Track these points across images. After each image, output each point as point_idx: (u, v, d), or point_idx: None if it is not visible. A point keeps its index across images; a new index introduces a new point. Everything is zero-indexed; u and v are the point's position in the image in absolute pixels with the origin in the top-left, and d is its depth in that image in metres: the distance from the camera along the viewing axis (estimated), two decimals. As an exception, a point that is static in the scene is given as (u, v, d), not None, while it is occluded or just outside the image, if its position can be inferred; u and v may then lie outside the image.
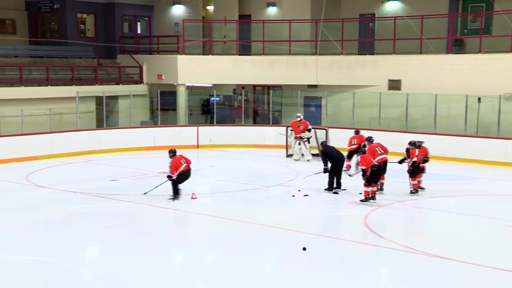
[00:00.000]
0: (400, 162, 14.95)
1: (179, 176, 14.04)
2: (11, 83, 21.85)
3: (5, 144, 19.04)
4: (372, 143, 15.02)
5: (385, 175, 14.68)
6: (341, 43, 23.07)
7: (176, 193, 14.15)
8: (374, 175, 13.81)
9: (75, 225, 12.28)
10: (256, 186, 16.09)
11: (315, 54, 23.06)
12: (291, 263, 10.08)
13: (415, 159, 14.48)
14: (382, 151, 14.41)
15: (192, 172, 14.23)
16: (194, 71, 24.22)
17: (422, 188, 14.97)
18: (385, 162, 14.45)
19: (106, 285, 9.08)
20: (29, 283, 9.02)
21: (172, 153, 14.25)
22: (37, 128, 20.32)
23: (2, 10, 26.50)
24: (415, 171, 14.66)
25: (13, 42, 25.52)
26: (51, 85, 22.66)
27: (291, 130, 20.30)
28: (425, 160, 14.83)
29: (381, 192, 14.57)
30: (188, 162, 14.20)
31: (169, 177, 14.06)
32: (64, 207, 13.75)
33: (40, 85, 22.47)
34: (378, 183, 14.35)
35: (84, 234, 11.71)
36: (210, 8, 28.36)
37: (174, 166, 13.99)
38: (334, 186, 15.05)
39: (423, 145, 14.82)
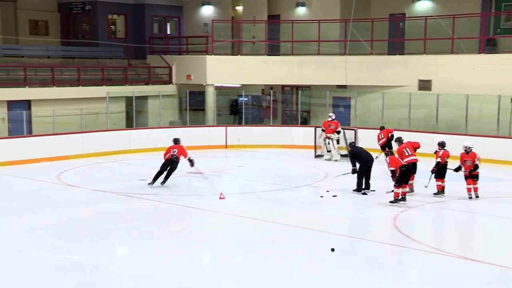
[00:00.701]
0: (456, 170, 14.55)
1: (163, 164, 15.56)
2: (43, 83, 22.20)
3: (37, 143, 19.35)
4: (402, 143, 14.86)
5: (416, 176, 14.49)
6: (371, 43, 22.89)
7: (155, 179, 15.54)
8: (404, 176, 13.65)
9: (105, 224, 12.41)
10: (284, 186, 16.04)
11: (344, 54, 22.90)
12: (319, 264, 10.02)
13: (439, 160, 14.26)
14: (410, 153, 14.25)
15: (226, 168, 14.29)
16: (222, 71, 24.31)
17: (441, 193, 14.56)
18: (414, 163, 14.26)
19: (136, 283, 9.14)
20: (60, 281, 9.13)
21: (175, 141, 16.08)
22: (68, 128, 20.61)
23: (35, 12, 26.97)
24: (440, 172, 14.38)
25: (46, 43, 25.94)
26: (82, 86, 22.97)
27: (322, 130, 20.23)
28: (475, 166, 14.05)
29: (411, 193, 14.39)
30: (179, 154, 15.73)
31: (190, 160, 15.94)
32: (94, 206, 13.92)
33: (71, 86, 22.79)
34: (408, 184, 14.18)
35: (114, 233, 11.84)
36: (239, 8, 28.42)
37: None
38: (363, 187, 14.92)
39: (473, 150, 14.22)
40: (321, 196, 14.74)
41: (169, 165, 15.65)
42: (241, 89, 25.11)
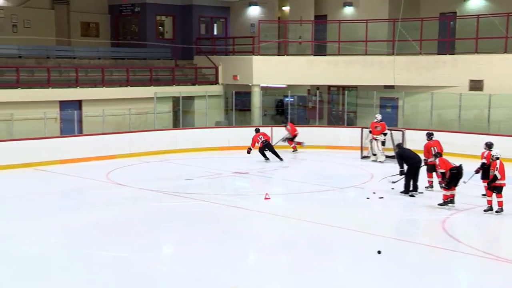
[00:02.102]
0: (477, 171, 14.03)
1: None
2: (94, 84, 22.69)
3: (87, 143, 19.77)
4: (431, 140, 14.60)
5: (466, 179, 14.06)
6: (420, 43, 22.46)
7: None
8: (454, 178, 13.32)
9: (151, 223, 12.58)
10: (329, 187, 15.91)
11: (392, 54, 22.56)
12: (365, 267, 9.89)
13: (484, 160, 13.74)
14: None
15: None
16: (268, 71, 24.30)
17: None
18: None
19: (181, 282, 9.22)
20: (108, 278, 9.29)
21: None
22: (116, 127, 20.99)
23: (87, 14, 27.63)
24: (485, 173, 13.72)
25: (97, 45, 26.52)
26: (130, 86, 23.36)
27: (369, 131, 20.00)
28: (494, 177, 12.93)
29: (430, 189, 14.15)
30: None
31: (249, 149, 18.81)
32: (142, 205, 14.14)
33: (120, 86, 23.19)
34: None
35: (160, 232, 11.99)
36: (286, 8, 28.38)
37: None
38: (411, 189, 14.66)
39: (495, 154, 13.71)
40: (368, 198, 14.55)
41: (266, 147, 19.56)
42: (287, 90, 25.05)
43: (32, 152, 18.37)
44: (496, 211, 12.97)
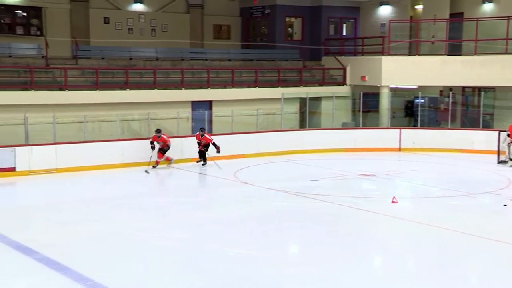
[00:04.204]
0: None
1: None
2: (224, 84, 23.38)
3: (216, 142, 20.34)
4: None
5: None
6: None
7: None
8: None
9: (276, 222, 12.66)
10: (461, 192, 15.13)
11: (536, 52, 21.01)
12: (498, 277, 9.25)
13: None
14: None
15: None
16: (398, 72, 23.67)
17: None
18: None
19: (305, 282, 9.18)
20: (230, 273, 9.47)
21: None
22: (244, 127, 21.45)
23: (219, 17, 28.59)
24: None
25: (227, 47, 27.34)
26: (258, 87, 23.78)
27: (507, 134, 18.78)
28: None
29: None
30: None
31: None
32: (267, 204, 14.30)
33: (249, 87, 23.71)
34: None
35: (285, 231, 12.02)
36: (419, 7, 27.44)
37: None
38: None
39: None
40: (505, 205, 13.66)
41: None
42: (418, 91, 24.22)
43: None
44: None
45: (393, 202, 13.87)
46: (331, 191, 15.45)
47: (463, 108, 24.92)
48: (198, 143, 18.89)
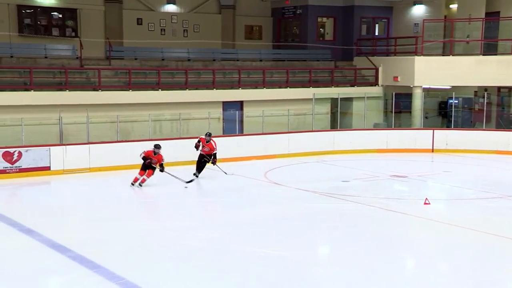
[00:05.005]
0: None
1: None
2: (255, 85, 23.41)
3: (247, 142, 20.44)
4: None
5: None
6: None
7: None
8: None
9: (307, 223, 12.61)
10: (497, 194, 14.85)
11: None
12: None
13: None
14: None
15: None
16: (432, 72, 23.37)
17: None
18: None
19: (337, 283, 9.12)
20: (262, 274, 9.46)
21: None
22: (275, 128, 21.43)
23: (251, 18, 28.63)
24: None
25: (259, 47, 27.36)
26: (290, 87, 23.73)
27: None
28: None
29: None
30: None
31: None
32: (297, 205, 14.25)
33: (280, 87, 23.69)
34: None
35: (315, 232, 11.97)
36: (454, 6, 27.03)
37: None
38: None
39: None
40: (540, 208, 13.36)
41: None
42: (451, 91, 23.87)
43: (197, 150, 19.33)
44: None
45: (425, 204, 13.69)
46: (362, 192, 15.33)
47: (498, 109, 24.47)
48: (196, 147, 17.02)
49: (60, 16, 24.37)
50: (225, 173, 17.15)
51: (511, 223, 12.52)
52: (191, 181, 16.25)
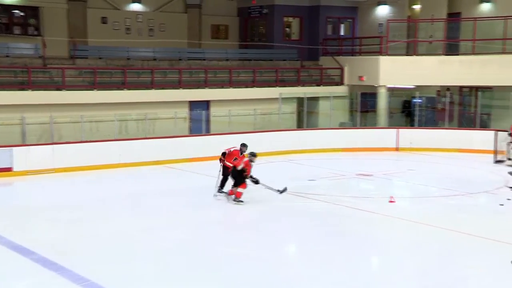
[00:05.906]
0: None
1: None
2: (221, 84, 23.36)
3: (213, 142, 20.30)
4: None
5: None
6: None
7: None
8: None
9: (274, 222, 12.67)
10: (459, 192, 15.15)
11: (533, 52, 21.03)
12: (498, 277, 9.25)
13: None
14: None
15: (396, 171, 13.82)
16: (396, 72, 23.69)
17: None
18: None
19: (302, 282, 9.16)
20: (234, 273, 9.46)
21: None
22: (242, 127, 21.42)
23: (217, 17, 28.56)
24: None
25: (225, 47, 27.32)
26: (256, 87, 23.75)
27: (509, 134, 18.83)
28: None
29: None
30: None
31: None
32: (264, 204, 14.24)
33: (246, 87, 23.69)
34: None
35: (283, 231, 12.01)
36: (417, 7, 27.45)
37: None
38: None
39: None
40: (501, 204, 13.69)
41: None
42: (415, 91, 24.24)
43: (163, 150, 19.24)
44: None
45: (390, 202, 13.88)
46: (329, 191, 15.45)
47: (461, 108, 24.93)
48: (221, 160, 14.93)
49: (22, 14, 23.91)
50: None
51: (474, 220, 12.77)
52: (284, 190, 14.47)
